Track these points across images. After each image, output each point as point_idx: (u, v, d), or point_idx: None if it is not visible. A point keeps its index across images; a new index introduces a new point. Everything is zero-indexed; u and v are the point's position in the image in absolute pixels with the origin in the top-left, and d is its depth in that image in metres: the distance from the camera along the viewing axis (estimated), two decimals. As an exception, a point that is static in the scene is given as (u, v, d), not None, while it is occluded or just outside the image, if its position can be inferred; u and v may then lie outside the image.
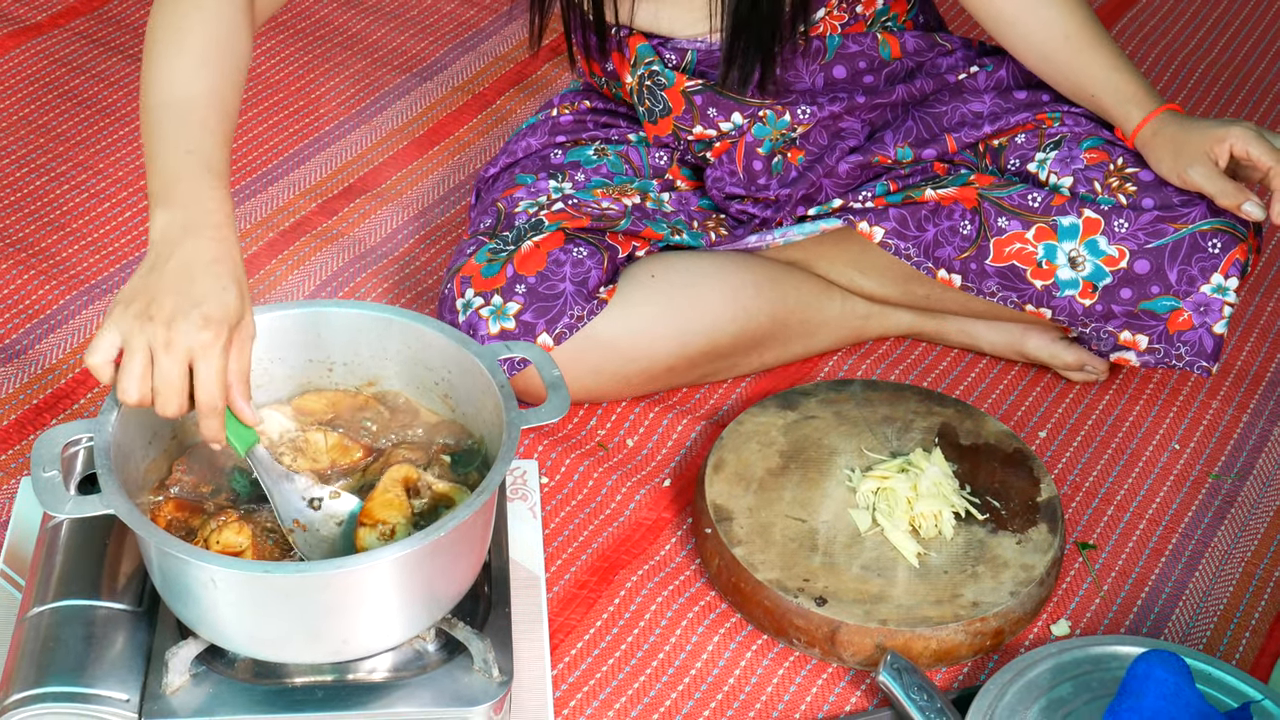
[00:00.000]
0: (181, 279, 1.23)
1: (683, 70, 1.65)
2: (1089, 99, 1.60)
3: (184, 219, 1.26)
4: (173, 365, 1.20)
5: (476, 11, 2.31)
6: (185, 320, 1.20)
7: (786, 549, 1.46)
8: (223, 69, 1.36)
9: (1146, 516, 1.58)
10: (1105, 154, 1.58)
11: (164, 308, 1.21)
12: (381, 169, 2.01)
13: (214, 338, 1.21)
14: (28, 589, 1.38)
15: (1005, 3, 1.61)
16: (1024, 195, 1.57)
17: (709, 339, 1.63)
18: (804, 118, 1.65)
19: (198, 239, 1.25)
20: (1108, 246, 1.54)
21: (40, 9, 2.26)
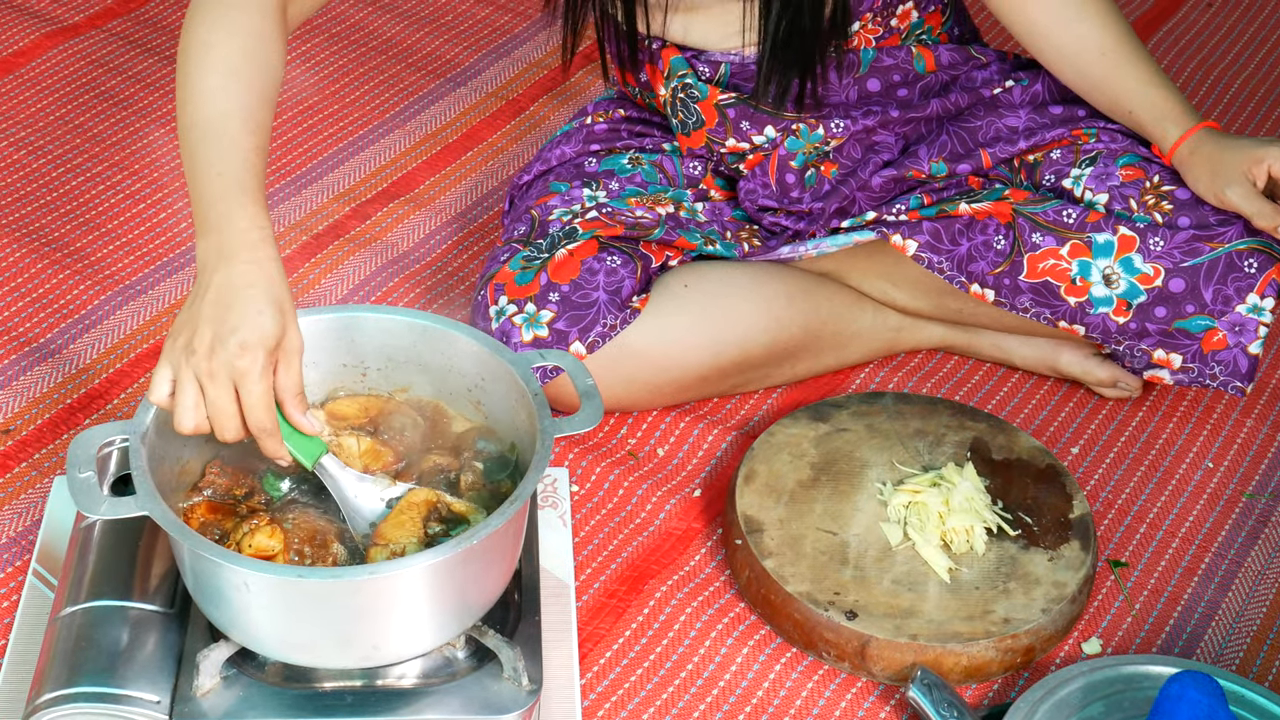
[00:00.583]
0: (219, 308, 1.25)
1: (716, 83, 1.64)
2: (1125, 115, 1.60)
3: (219, 244, 1.28)
4: (219, 394, 1.23)
5: (511, 18, 2.31)
6: (224, 349, 1.23)
7: (817, 562, 1.46)
8: (252, 83, 1.36)
9: (1179, 535, 1.57)
10: (1141, 171, 1.58)
11: (205, 339, 1.24)
12: (415, 174, 2.01)
13: (252, 363, 1.23)
14: (60, 589, 1.38)
15: (1040, 16, 1.61)
16: (1059, 211, 1.56)
17: (741, 349, 1.63)
18: (837, 131, 1.64)
19: (232, 264, 1.27)
20: (1143, 264, 1.53)
21: (78, 9, 2.27)
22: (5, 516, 1.54)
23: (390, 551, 1.28)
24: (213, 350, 1.23)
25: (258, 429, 1.25)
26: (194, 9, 1.40)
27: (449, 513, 1.32)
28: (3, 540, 1.52)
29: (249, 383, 1.23)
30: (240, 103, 1.35)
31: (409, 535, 1.29)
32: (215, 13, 1.38)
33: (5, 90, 2.11)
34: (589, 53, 2.22)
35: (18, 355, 1.72)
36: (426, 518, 1.31)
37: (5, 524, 1.54)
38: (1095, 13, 1.59)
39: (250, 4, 1.39)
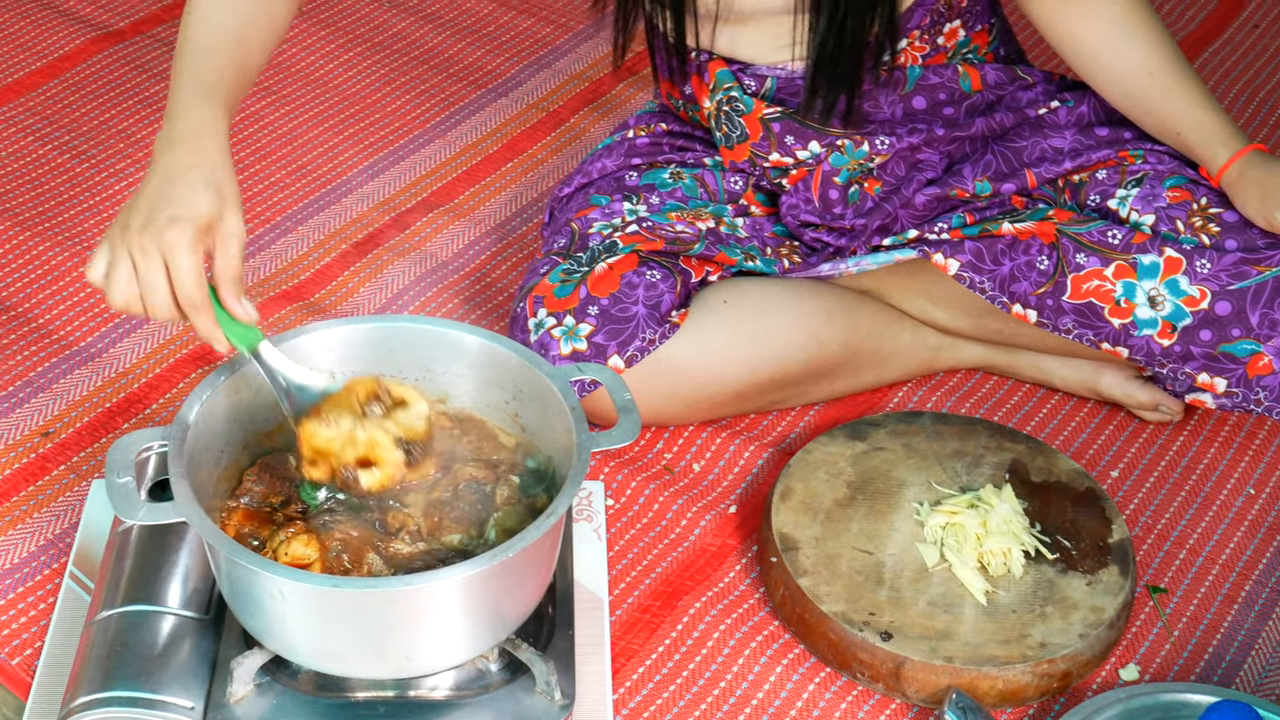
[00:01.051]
0: (158, 189, 1.29)
1: (762, 97, 1.64)
2: (1173, 136, 1.59)
3: (169, 134, 1.33)
4: (150, 268, 1.25)
5: (553, 29, 2.32)
6: (154, 224, 1.26)
7: (852, 581, 1.45)
8: (246, 11, 1.42)
9: (1220, 562, 1.56)
10: (1188, 193, 1.57)
11: (140, 217, 1.27)
12: (455, 184, 2.01)
13: (178, 235, 1.25)
14: (96, 592, 1.39)
15: (1089, 37, 1.60)
16: (1104, 232, 1.55)
17: (780, 366, 1.63)
18: (882, 148, 1.64)
19: (176, 150, 1.31)
20: (1189, 287, 1.52)
21: (123, 15, 2.28)
22: (44, 519, 1.55)
23: (325, 421, 1.29)
24: (145, 226, 1.26)
25: (186, 303, 1.26)
26: None
27: (390, 396, 1.33)
28: (40, 542, 1.52)
29: (176, 255, 1.25)
30: (229, 24, 1.40)
31: (344, 412, 1.30)
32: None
33: (50, 94, 2.12)
34: (631, 65, 2.23)
35: (59, 358, 1.73)
36: (366, 400, 1.32)
37: (43, 526, 1.54)
38: (1145, 34, 1.58)
39: None
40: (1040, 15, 1.62)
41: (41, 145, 2.03)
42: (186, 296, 1.26)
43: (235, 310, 1.29)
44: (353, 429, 1.30)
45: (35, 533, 1.53)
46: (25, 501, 1.57)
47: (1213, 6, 2.41)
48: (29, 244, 1.87)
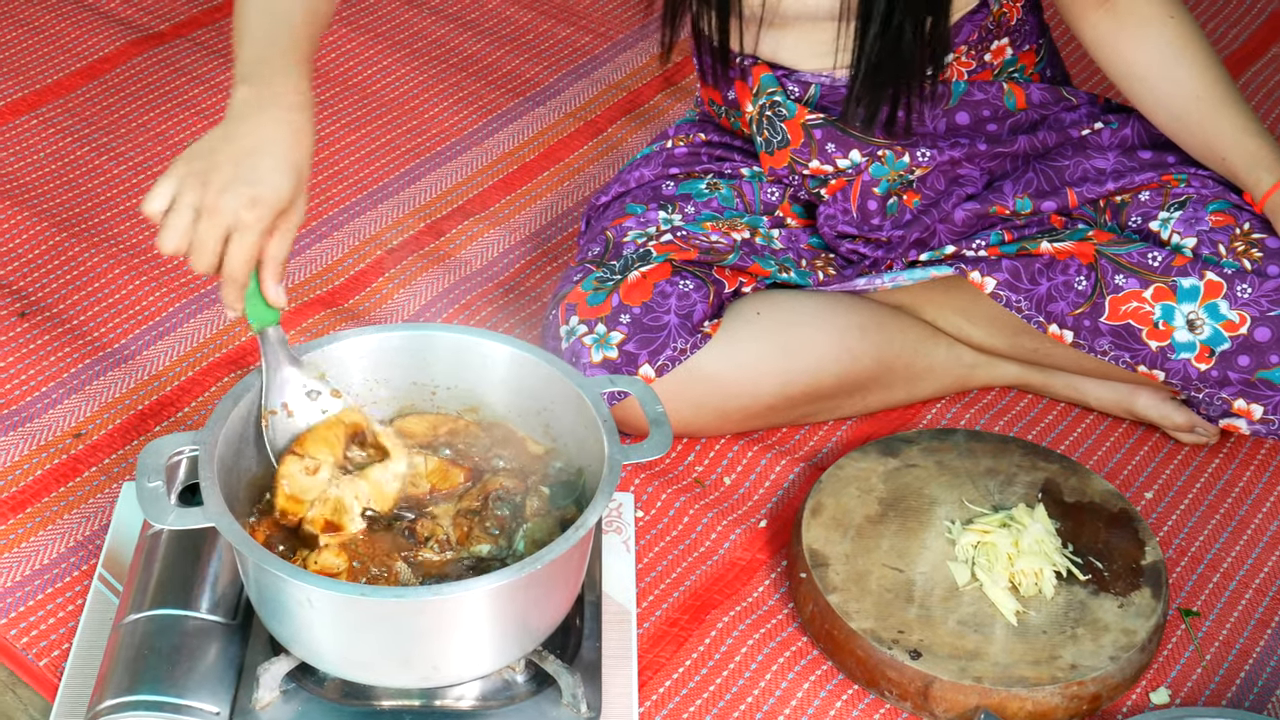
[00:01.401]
0: (246, 154, 1.28)
1: (805, 103, 1.63)
2: (1219, 161, 1.57)
3: (257, 95, 1.32)
4: (210, 230, 1.25)
5: (592, 39, 2.31)
6: (234, 194, 1.26)
7: (882, 599, 1.44)
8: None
9: (1253, 586, 1.54)
10: (1231, 218, 1.55)
11: (221, 175, 1.26)
12: (490, 192, 2.01)
13: (256, 219, 1.26)
14: (124, 596, 1.39)
15: (1139, 59, 1.59)
16: (1144, 254, 1.54)
17: (812, 379, 1.62)
18: (923, 160, 1.63)
19: (271, 118, 1.30)
20: (1228, 311, 1.51)
21: (163, 18, 2.29)
22: (74, 520, 1.55)
23: (305, 466, 1.33)
24: (224, 189, 1.26)
25: (230, 275, 1.27)
26: None
27: (373, 441, 1.36)
28: (70, 544, 1.53)
29: (245, 234, 1.26)
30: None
31: (327, 452, 1.34)
32: None
33: (89, 95, 2.13)
34: (669, 75, 2.23)
35: (92, 360, 1.73)
36: (349, 441, 1.35)
37: (73, 528, 1.54)
38: (1194, 58, 1.57)
39: None
40: (1090, 36, 1.61)
41: (79, 147, 2.04)
42: (234, 271, 1.27)
43: (270, 293, 1.31)
44: (325, 488, 1.33)
45: (65, 534, 1.54)
46: (56, 503, 1.57)
47: (1256, 26, 2.40)
48: (64, 245, 1.88)
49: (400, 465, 1.36)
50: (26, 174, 1.99)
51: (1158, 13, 1.58)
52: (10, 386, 1.70)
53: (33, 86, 2.14)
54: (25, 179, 1.98)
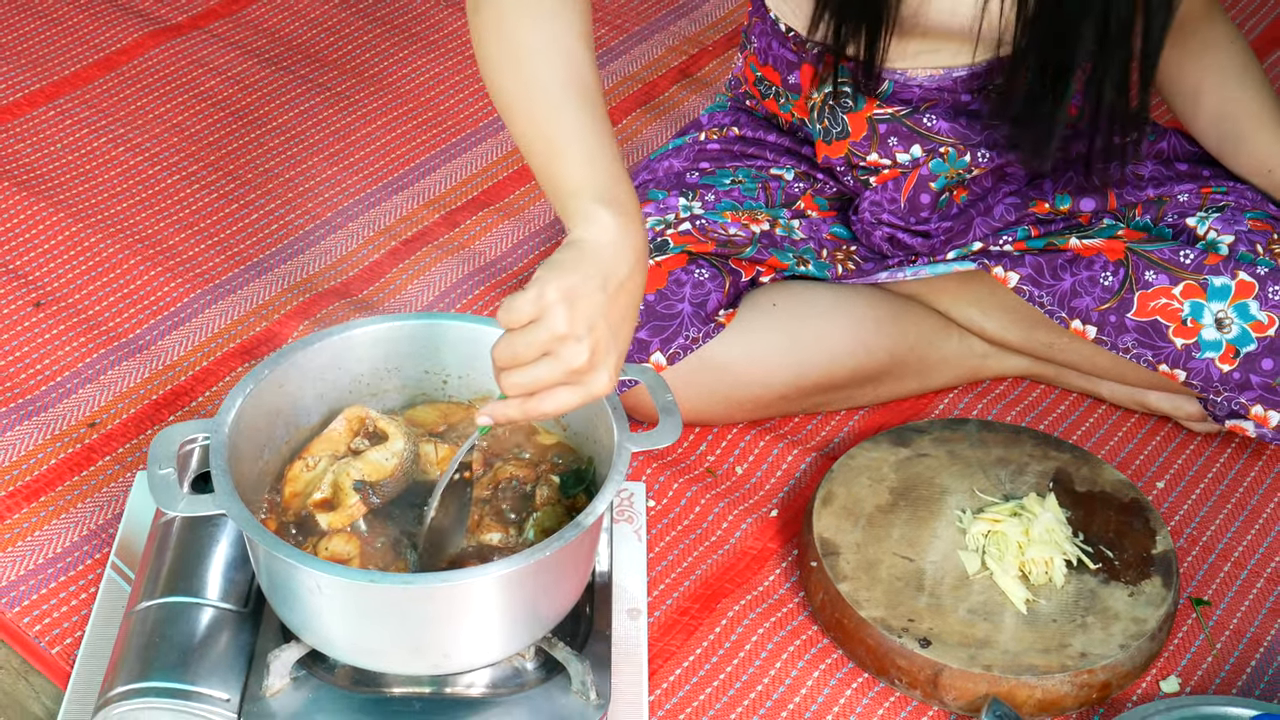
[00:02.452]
0: (624, 316, 1.20)
1: (876, 96, 1.60)
2: (1265, 174, 1.60)
3: (637, 239, 1.21)
4: (553, 374, 1.16)
5: (608, 30, 2.32)
6: (605, 367, 1.18)
7: (892, 587, 1.44)
8: (587, 41, 1.28)
9: (1265, 575, 1.54)
10: (1269, 225, 1.57)
11: (600, 335, 1.17)
12: (505, 184, 2.01)
13: (606, 388, 1.18)
14: (136, 583, 1.39)
15: (1199, 78, 1.62)
16: (1175, 251, 1.54)
17: (825, 371, 1.62)
18: (983, 161, 1.62)
19: (642, 262, 1.21)
20: (1258, 312, 1.51)
21: (181, 10, 2.30)
22: (87, 509, 1.56)
23: (306, 463, 1.35)
24: (599, 356, 1.17)
25: (530, 413, 1.18)
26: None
27: (375, 429, 1.36)
28: (84, 532, 1.54)
29: (582, 396, 1.18)
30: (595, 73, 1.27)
31: (329, 451, 1.35)
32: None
33: (106, 87, 2.14)
34: (684, 66, 2.23)
35: (107, 349, 1.74)
36: (353, 435, 1.35)
37: (87, 516, 1.55)
38: (1251, 78, 1.62)
39: None
40: None
41: (96, 138, 2.05)
42: (539, 413, 1.18)
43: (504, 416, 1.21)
44: (323, 472, 1.34)
45: (78, 523, 1.55)
46: (70, 491, 1.58)
47: (1275, 17, 2.39)
48: (80, 235, 1.89)
49: (398, 444, 1.36)
50: (43, 165, 2.00)
51: (1220, 38, 1.63)
52: (25, 376, 1.71)
53: (50, 78, 2.15)
54: (42, 170, 1.99)
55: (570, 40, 1.26)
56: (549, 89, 1.25)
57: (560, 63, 1.25)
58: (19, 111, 2.09)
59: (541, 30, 1.26)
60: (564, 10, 1.27)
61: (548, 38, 1.26)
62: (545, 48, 1.25)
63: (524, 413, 1.19)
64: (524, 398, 1.19)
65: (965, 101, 1.59)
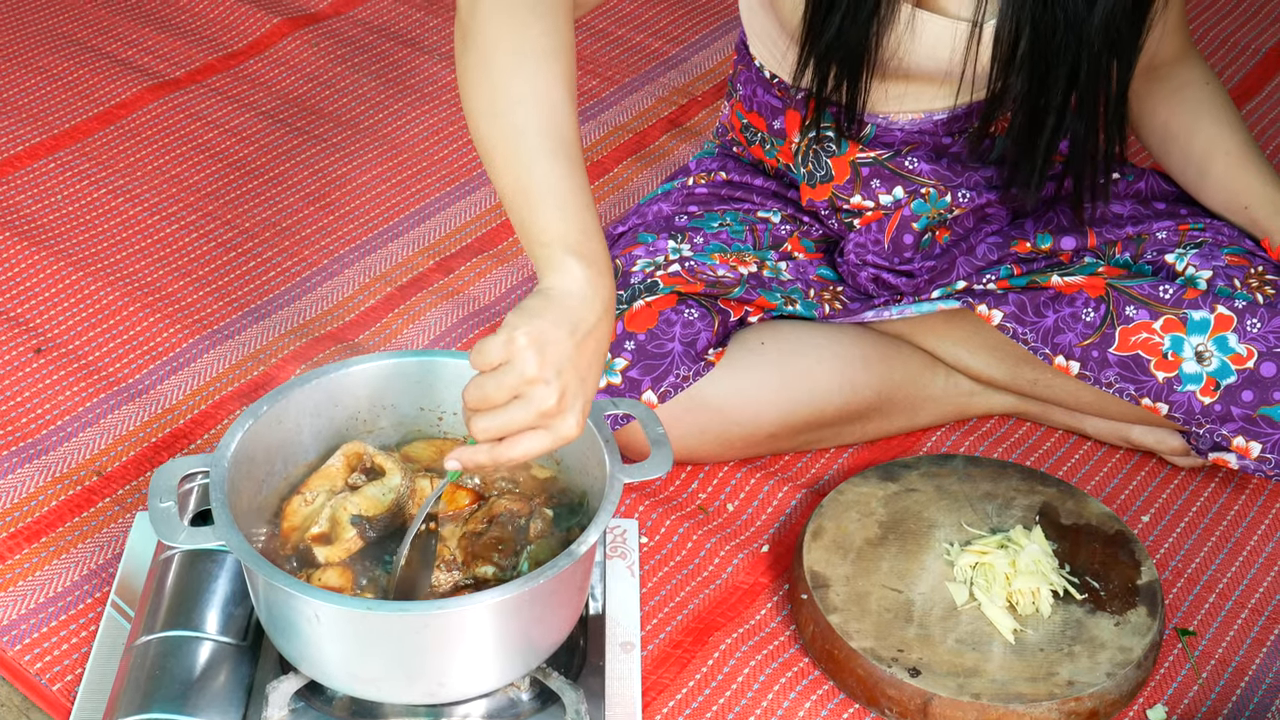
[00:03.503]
0: (591, 364, 1.23)
1: (859, 140, 1.65)
2: (1240, 210, 1.64)
3: (605, 291, 1.24)
4: (521, 418, 1.20)
5: (599, 82, 2.36)
6: (572, 413, 1.21)
7: (882, 618, 1.46)
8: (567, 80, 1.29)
9: (1249, 606, 1.56)
10: (1246, 260, 1.60)
11: (568, 381, 1.20)
12: (499, 230, 2.05)
13: (574, 432, 1.21)
14: (136, 619, 1.41)
15: (1173, 118, 1.67)
16: (1155, 287, 1.57)
17: (814, 409, 1.64)
18: (963, 201, 1.66)
19: (609, 313, 1.25)
20: (1237, 344, 1.54)
21: (179, 65, 2.34)
22: (88, 549, 1.58)
23: (305, 498, 1.37)
24: (565, 403, 1.20)
25: (499, 459, 1.21)
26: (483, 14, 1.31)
27: (372, 465, 1.39)
28: (84, 572, 1.56)
29: (545, 442, 1.20)
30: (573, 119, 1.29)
31: (326, 486, 1.37)
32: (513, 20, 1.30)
33: (106, 140, 2.17)
34: (674, 116, 2.26)
35: (107, 394, 1.76)
36: (350, 470, 1.38)
37: (87, 556, 1.57)
38: (1226, 118, 1.66)
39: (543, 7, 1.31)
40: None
41: (96, 189, 2.08)
42: (506, 458, 1.21)
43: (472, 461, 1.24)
44: (320, 507, 1.37)
45: (79, 562, 1.57)
46: (70, 532, 1.60)
47: (1252, 65, 2.43)
48: (81, 283, 1.92)
49: (394, 480, 1.39)
50: (44, 215, 2.03)
51: (1195, 79, 1.67)
52: (27, 420, 1.73)
53: (51, 131, 2.18)
54: (43, 220, 2.02)
55: (553, 90, 1.28)
56: (528, 138, 1.27)
57: (541, 113, 1.27)
58: (20, 164, 2.12)
59: (525, 79, 1.28)
60: (548, 60, 1.29)
61: (530, 87, 1.28)
62: (527, 97, 1.28)
63: (493, 458, 1.22)
64: (493, 443, 1.22)
65: (946, 144, 1.63)
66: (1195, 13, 2.54)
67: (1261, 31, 2.51)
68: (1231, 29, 2.51)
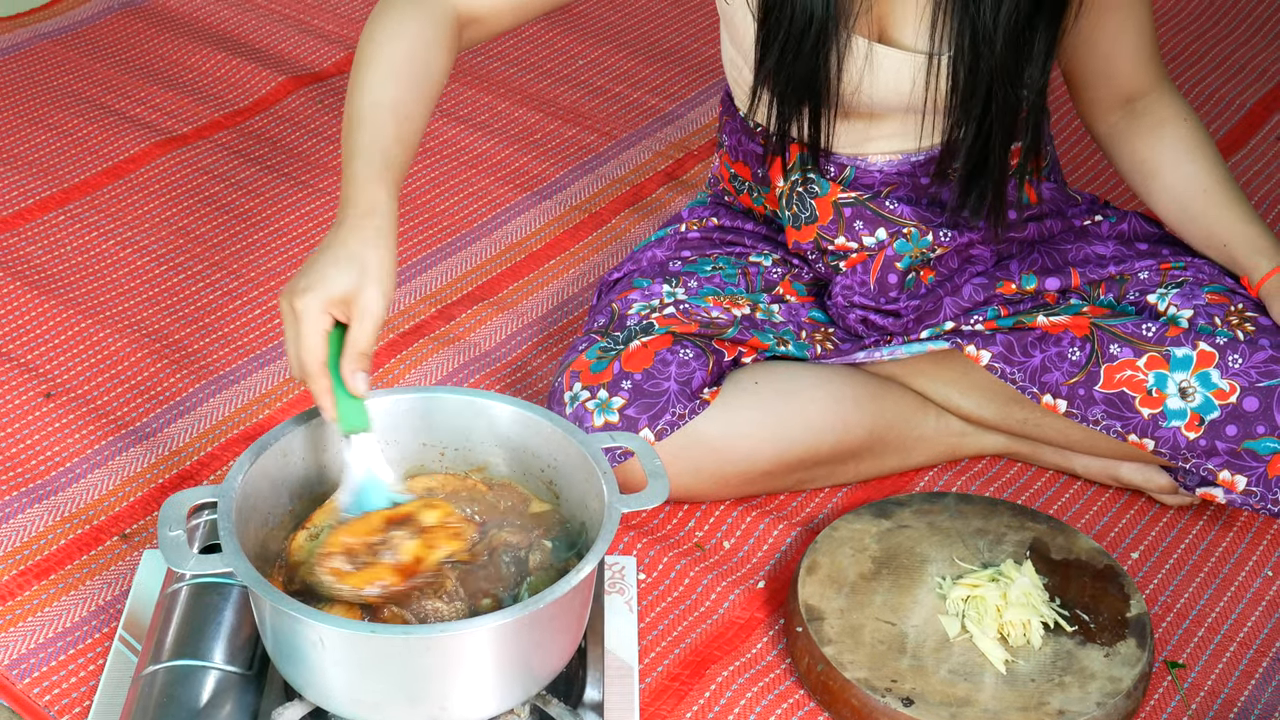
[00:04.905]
0: (310, 263, 1.38)
1: (839, 181, 1.70)
2: (1219, 248, 1.67)
3: (340, 216, 1.42)
4: (287, 332, 1.37)
5: (597, 137, 2.40)
6: (292, 293, 1.36)
7: (876, 650, 1.49)
8: (411, 81, 1.49)
9: (1237, 639, 1.59)
10: (1226, 298, 1.64)
11: (295, 286, 1.37)
12: (499, 279, 2.09)
13: (305, 306, 1.35)
14: (144, 649, 1.44)
15: (1152, 155, 1.70)
16: (1138, 325, 1.61)
17: (807, 447, 1.68)
18: (945, 240, 1.70)
19: (340, 229, 1.40)
20: (1219, 380, 1.57)
21: (187, 122, 2.39)
22: (96, 586, 1.61)
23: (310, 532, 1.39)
24: (287, 293, 1.37)
25: (297, 368, 1.37)
26: (374, 14, 1.54)
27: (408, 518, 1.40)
28: (92, 608, 1.58)
29: (299, 323, 1.35)
30: (396, 96, 1.48)
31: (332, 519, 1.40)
32: (390, 19, 1.52)
33: (116, 194, 2.22)
34: (670, 170, 2.31)
35: (115, 437, 1.80)
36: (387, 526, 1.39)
37: (95, 592, 1.60)
38: (1204, 155, 1.70)
39: (424, 14, 1.52)
40: (1106, 133, 1.74)
41: (104, 240, 2.12)
42: (297, 362, 1.37)
43: (347, 379, 1.37)
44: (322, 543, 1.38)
45: (87, 599, 1.60)
46: (78, 570, 1.63)
47: (1237, 119, 2.48)
48: (89, 330, 1.95)
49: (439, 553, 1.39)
50: (54, 265, 2.07)
51: (1173, 115, 1.71)
52: (36, 462, 1.76)
53: (60, 185, 2.23)
54: (52, 270, 2.06)
55: (388, 92, 1.48)
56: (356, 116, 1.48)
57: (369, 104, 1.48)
58: (31, 216, 2.16)
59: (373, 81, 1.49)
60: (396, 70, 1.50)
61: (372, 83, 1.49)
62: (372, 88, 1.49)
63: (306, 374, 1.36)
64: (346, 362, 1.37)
65: (925, 184, 1.68)
66: (1179, 70, 2.59)
67: (1245, 88, 2.56)
68: (1216, 85, 2.56)
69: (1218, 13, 2.79)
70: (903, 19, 1.56)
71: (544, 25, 2.69)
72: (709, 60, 2.62)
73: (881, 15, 1.57)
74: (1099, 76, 1.70)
